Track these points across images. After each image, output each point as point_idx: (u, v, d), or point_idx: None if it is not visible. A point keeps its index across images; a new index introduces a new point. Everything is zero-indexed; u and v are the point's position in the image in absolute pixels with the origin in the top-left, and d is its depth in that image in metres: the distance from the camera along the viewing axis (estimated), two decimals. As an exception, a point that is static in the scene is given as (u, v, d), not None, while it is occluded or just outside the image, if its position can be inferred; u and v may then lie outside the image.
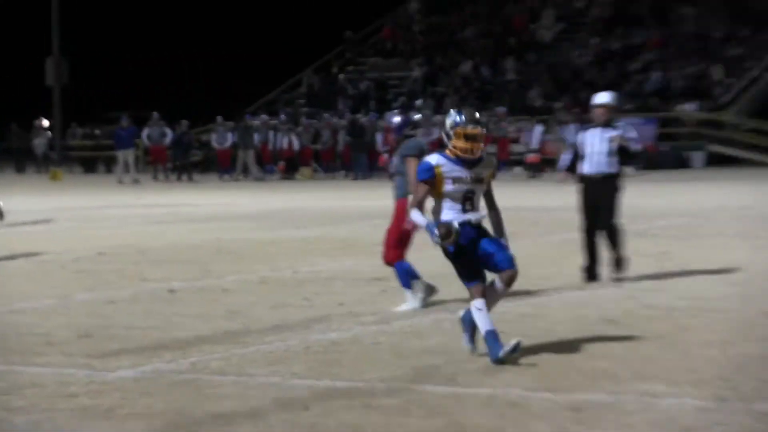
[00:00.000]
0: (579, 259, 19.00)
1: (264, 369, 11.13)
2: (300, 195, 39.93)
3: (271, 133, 52.77)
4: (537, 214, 28.07)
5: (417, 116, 13.70)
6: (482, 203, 11.59)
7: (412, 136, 15.17)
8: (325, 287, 16.55)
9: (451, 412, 9.38)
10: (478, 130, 11.66)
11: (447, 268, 11.76)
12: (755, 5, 60.86)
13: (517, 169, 49.87)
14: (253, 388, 10.34)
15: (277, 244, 22.53)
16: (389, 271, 15.22)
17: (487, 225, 11.64)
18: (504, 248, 11.59)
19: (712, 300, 14.61)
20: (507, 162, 48.63)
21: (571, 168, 16.85)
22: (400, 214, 14.57)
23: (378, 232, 16.14)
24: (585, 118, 49.80)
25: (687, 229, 23.78)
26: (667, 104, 54.69)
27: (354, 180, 49.13)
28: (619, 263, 16.64)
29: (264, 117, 55.98)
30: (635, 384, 10.19)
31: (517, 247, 20.91)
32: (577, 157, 16.69)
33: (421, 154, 14.42)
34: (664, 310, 13.92)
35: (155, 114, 52.98)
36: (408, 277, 14.65)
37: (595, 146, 16.51)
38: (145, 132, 52.90)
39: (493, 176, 11.71)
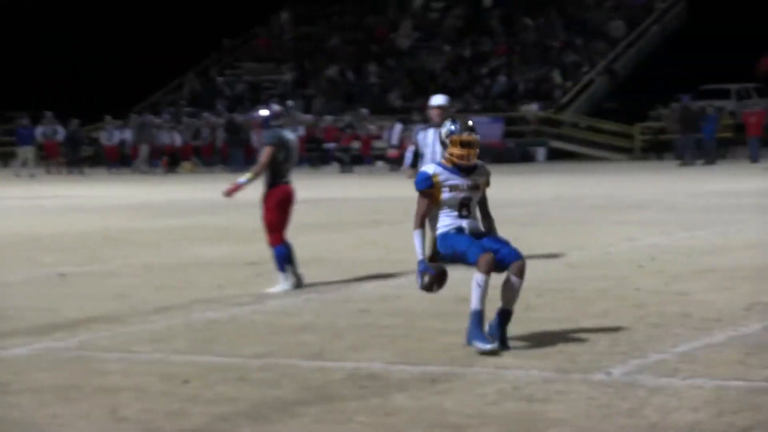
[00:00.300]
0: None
1: (148, 346, 11.02)
2: (181, 187, 39.72)
3: (154, 131, 52.52)
4: (399, 204, 28.09)
5: (277, 108, 13.42)
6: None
7: (278, 127, 14.97)
8: (205, 271, 16.44)
9: (319, 384, 9.32)
10: (473, 137, 11.04)
11: (321, 252, 11.69)
12: (588, 17, 61.71)
13: (379, 163, 50.04)
14: (137, 364, 10.22)
15: (161, 232, 22.37)
16: (264, 256, 15.15)
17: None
18: (507, 242, 11.02)
19: (553, 281, 14.69)
20: (369, 158, 48.65)
21: (414, 164, 16.59)
22: (269, 200, 14.54)
23: (253, 219, 16.03)
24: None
25: (531, 216, 23.95)
26: (513, 105, 55.26)
27: (231, 173, 48.96)
28: None
29: (149, 116, 55.81)
30: (484, 357, 10.17)
31: (381, 233, 21.12)
32: (418, 154, 16.54)
33: (279, 143, 14.41)
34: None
35: (48, 113, 52.79)
36: (284, 262, 14.56)
37: (433, 146, 16.11)
38: (39, 130, 52.43)
39: (487, 184, 11.19)
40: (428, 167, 11.20)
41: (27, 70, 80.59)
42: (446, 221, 10.94)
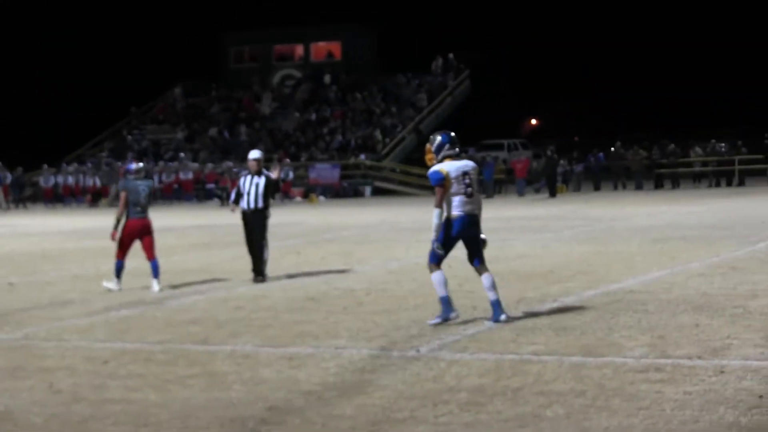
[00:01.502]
0: (291, 258, 19.03)
1: (76, 336, 10.81)
2: (100, 218, 38.98)
3: (81, 175, 51.59)
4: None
5: (139, 165, 13.61)
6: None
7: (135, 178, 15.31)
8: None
9: (204, 362, 9.23)
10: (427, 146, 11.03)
11: (205, 264, 11.54)
12: (400, 92, 62.34)
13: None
14: (68, 349, 10.03)
15: (86, 251, 21.92)
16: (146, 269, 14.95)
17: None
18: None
19: (378, 283, 14.71)
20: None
21: (236, 201, 16.03)
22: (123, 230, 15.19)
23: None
24: (286, 163, 50.19)
25: (361, 236, 23.97)
26: (347, 155, 55.36)
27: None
28: (260, 270, 15.57)
29: (75, 165, 55.03)
30: (328, 340, 10.18)
31: (246, 250, 20.91)
32: (239, 194, 16.00)
33: (129, 189, 15.05)
34: (347, 291, 13.95)
35: (-1, 162, 52.02)
36: (119, 270, 14.99)
37: (249, 188, 15.81)
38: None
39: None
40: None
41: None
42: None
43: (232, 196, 16.41)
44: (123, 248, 15.13)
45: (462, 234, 10.86)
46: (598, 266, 15.97)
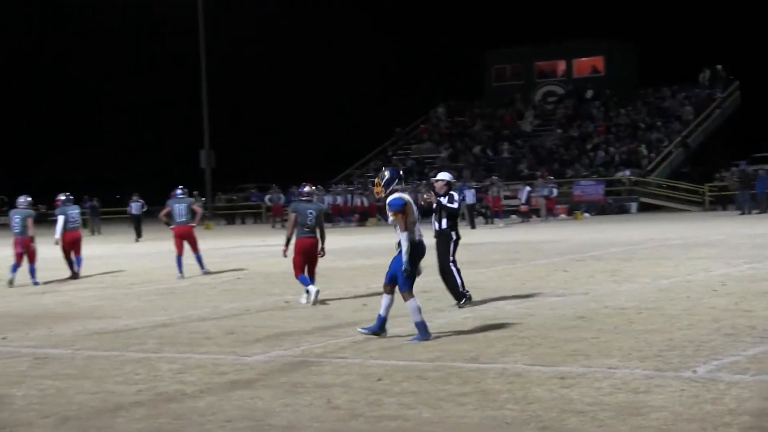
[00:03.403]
0: (558, 276, 18.87)
1: (350, 353, 10.98)
2: (368, 236, 39.79)
3: (348, 195, 52.92)
4: (530, 246, 27.90)
5: (309, 188, 14.52)
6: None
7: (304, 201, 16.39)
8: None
9: (476, 381, 9.21)
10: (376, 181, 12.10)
11: (473, 283, 11.49)
12: (666, 105, 60.98)
13: (513, 216, 49.72)
14: (343, 366, 10.20)
15: (356, 269, 22.38)
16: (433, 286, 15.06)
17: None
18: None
19: (649, 301, 14.38)
20: (501, 213, 47.40)
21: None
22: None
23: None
24: (551, 180, 49.89)
25: (628, 253, 23.52)
26: (611, 171, 54.56)
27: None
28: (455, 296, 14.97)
29: (343, 185, 56.65)
30: (600, 360, 10.01)
31: (514, 268, 20.93)
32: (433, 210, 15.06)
33: (296, 211, 16.09)
34: (617, 309, 13.71)
35: (274, 185, 54.51)
36: (306, 284, 16.03)
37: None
38: (267, 196, 54.41)
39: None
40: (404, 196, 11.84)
41: (253, 154, 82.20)
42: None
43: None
44: (298, 266, 16.02)
45: (419, 257, 11.82)
46: None
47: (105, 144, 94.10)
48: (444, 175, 15.30)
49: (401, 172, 12.20)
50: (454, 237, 15.06)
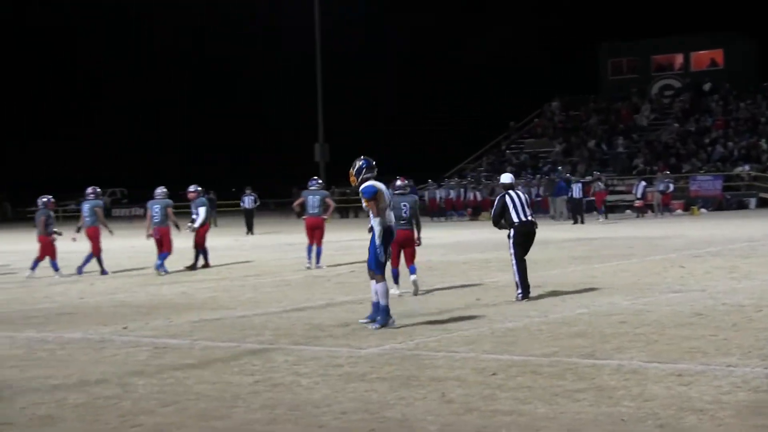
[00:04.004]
0: (674, 272, 18.57)
1: (464, 347, 10.98)
2: (481, 231, 39.66)
3: (461, 189, 52.82)
4: (645, 241, 27.52)
5: (404, 182, 15.32)
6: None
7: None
8: (499, 291, 16.35)
9: (592, 377, 9.12)
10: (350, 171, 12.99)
11: (587, 278, 11.39)
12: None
13: (627, 212, 49.10)
14: (457, 360, 10.21)
15: (470, 263, 22.34)
16: (544, 281, 14.92)
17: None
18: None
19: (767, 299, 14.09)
20: (602, 208, 46.36)
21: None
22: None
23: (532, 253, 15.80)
24: (667, 175, 49.06)
25: (747, 250, 23.04)
26: (729, 166, 53.51)
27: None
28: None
29: (456, 178, 56.58)
30: (718, 357, 9.84)
31: (629, 264, 20.65)
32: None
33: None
34: (736, 306, 13.45)
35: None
36: (395, 277, 16.43)
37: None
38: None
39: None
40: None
41: (370, 145, 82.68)
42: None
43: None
44: (393, 257, 16.19)
45: (389, 242, 12.71)
46: None
47: (220, 138, 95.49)
48: (505, 178, 15.86)
49: (373, 162, 12.97)
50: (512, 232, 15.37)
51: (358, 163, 13.05)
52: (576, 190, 42.51)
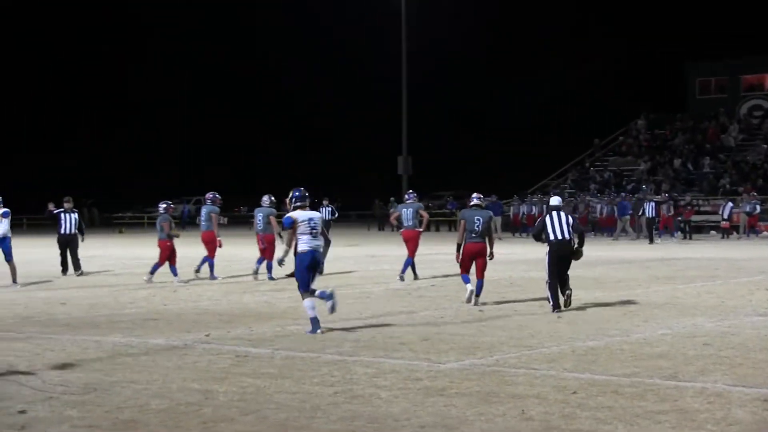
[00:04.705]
0: (760, 295, 18.27)
1: (545, 365, 10.92)
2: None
3: (543, 206, 52.52)
4: (727, 263, 27.11)
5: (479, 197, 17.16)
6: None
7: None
8: (598, 309, 16.21)
9: (674, 399, 9.00)
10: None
11: (670, 298, 11.26)
12: None
13: (712, 233, 48.42)
14: (537, 378, 10.14)
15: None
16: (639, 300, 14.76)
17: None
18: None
19: None
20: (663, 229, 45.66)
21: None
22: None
23: (621, 272, 15.66)
24: (754, 197, 48.23)
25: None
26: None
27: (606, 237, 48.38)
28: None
29: (539, 194, 56.33)
30: None
31: (713, 285, 20.34)
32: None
33: (463, 218, 17.38)
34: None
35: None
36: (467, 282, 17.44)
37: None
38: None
39: None
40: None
41: (453, 158, 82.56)
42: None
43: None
44: (464, 266, 17.26)
45: (311, 263, 13.81)
46: None
47: (303, 149, 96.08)
48: (553, 200, 17.29)
49: (306, 194, 14.27)
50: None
51: (293, 194, 14.32)
52: (649, 210, 42.24)
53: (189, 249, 29.12)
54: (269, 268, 23.34)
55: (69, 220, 25.50)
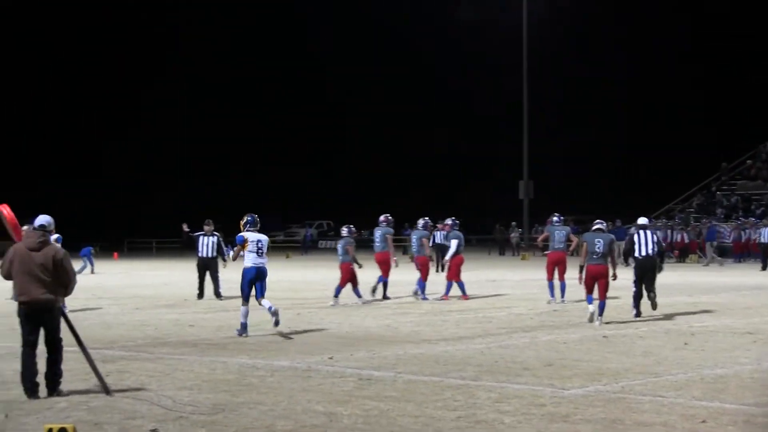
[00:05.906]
0: None
1: (672, 393, 10.76)
2: (687, 273, 38.64)
3: (668, 231, 51.66)
4: None
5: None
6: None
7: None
8: (708, 336, 15.92)
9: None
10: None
11: None
12: None
13: None
14: (664, 405, 10.01)
15: (673, 306, 21.83)
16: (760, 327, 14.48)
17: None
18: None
19: None
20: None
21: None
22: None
23: (749, 299, 15.35)
24: None
25: None
26: None
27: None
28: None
29: (663, 219, 55.42)
30: None
31: None
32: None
33: (584, 241, 18.65)
34: None
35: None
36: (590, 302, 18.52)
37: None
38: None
39: None
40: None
41: (574, 182, 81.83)
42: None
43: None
44: (588, 288, 18.31)
45: (253, 278, 16.52)
46: None
47: (420, 174, 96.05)
48: (641, 220, 19.78)
49: (257, 219, 16.87)
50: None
51: (246, 218, 16.79)
52: (765, 235, 41.45)
53: (321, 272, 29.35)
54: (422, 288, 24.33)
55: (207, 244, 25.61)
